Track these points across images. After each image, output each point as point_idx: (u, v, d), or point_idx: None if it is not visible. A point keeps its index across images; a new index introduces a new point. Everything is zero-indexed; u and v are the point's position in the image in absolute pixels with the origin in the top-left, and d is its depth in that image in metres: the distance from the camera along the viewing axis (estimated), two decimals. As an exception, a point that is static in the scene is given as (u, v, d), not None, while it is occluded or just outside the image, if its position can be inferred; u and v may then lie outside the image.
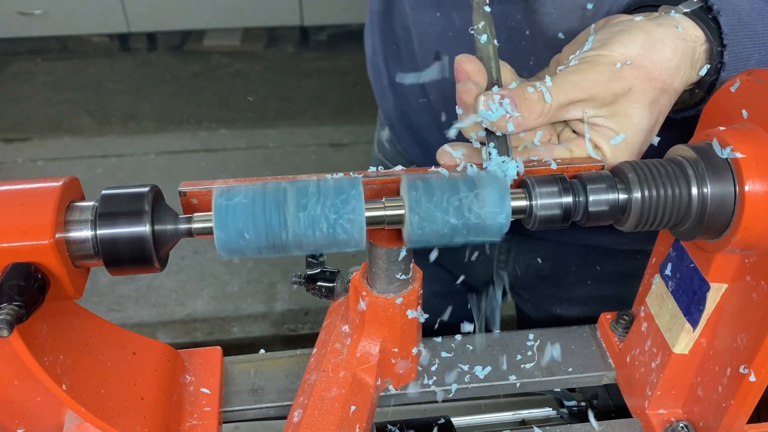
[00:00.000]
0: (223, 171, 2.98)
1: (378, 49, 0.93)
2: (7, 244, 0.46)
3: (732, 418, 0.57)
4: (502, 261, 0.99)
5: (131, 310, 2.35)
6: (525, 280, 1.01)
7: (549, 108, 0.55)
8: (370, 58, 0.97)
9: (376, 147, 1.09)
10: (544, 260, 0.95)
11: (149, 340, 0.66)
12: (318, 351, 0.68)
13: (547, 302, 1.02)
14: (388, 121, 0.99)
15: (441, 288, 1.00)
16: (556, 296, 1.00)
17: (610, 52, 0.56)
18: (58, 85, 3.63)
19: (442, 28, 0.79)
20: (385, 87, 0.94)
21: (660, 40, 0.57)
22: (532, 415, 0.80)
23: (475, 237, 0.51)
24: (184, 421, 0.65)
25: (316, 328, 1.30)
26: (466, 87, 0.55)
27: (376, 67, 0.95)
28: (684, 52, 0.58)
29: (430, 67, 0.81)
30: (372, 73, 0.97)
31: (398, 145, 1.00)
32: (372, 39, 0.94)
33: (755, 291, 0.53)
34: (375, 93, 0.99)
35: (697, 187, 0.51)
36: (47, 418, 0.57)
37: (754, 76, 0.53)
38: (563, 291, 0.99)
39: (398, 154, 1.02)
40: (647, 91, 0.57)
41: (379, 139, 1.07)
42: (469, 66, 0.56)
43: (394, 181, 0.54)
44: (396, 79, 0.91)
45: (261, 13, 3.73)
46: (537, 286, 1.01)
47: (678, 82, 0.59)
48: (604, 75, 0.55)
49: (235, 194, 0.49)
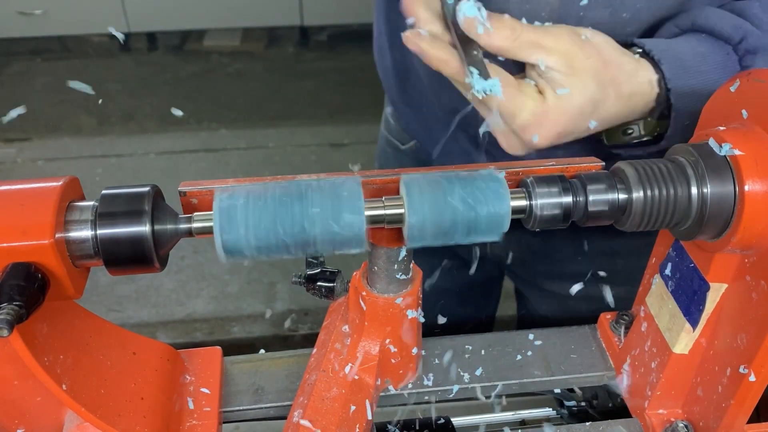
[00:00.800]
0: (223, 171, 2.98)
1: (383, 30, 0.96)
2: (7, 244, 0.46)
3: (732, 418, 0.57)
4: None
5: (131, 310, 2.35)
6: (517, 257, 1.03)
7: (518, 34, 0.59)
8: (376, 39, 1.00)
9: (383, 125, 1.13)
10: (536, 235, 0.97)
11: (149, 340, 0.66)
12: (318, 351, 0.68)
13: (539, 278, 1.05)
14: (391, 99, 1.03)
15: (435, 281, 1.02)
16: (548, 272, 1.02)
17: (579, 29, 0.62)
18: (58, 85, 3.62)
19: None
20: (388, 67, 0.98)
21: (621, 49, 0.64)
22: (532, 415, 0.80)
23: (475, 236, 0.51)
24: (184, 421, 0.65)
25: (316, 328, 1.30)
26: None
27: (381, 48, 0.99)
28: (639, 70, 0.63)
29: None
30: (377, 54, 1.01)
31: (400, 122, 1.05)
32: (377, 20, 0.98)
33: (755, 291, 0.53)
34: (380, 73, 1.03)
35: (697, 187, 0.51)
36: (47, 418, 0.57)
37: (754, 76, 0.53)
38: (554, 266, 1.01)
39: (401, 131, 1.05)
40: (599, 71, 0.61)
41: (385, 115, 1.12)
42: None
43: (393, 180, 0.55)
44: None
45: (261, 13, 3.73)
46: (529, 261, 1.03)
47: (626, 87, 0.63)
48: (571, 38, 0.61)
49: (236, 194, 0.49)
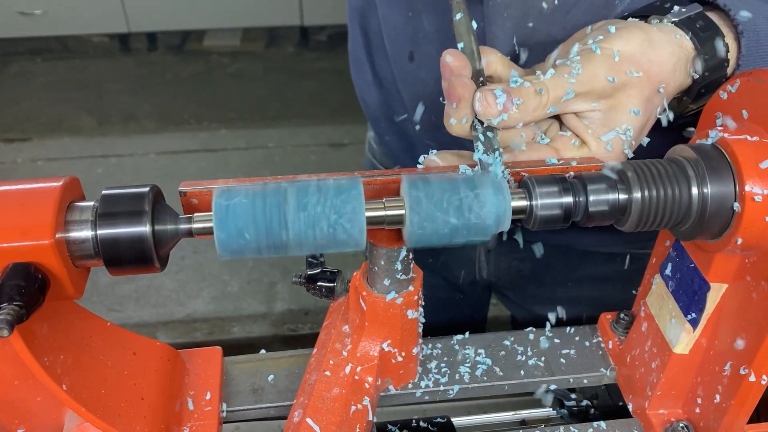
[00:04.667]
0: (223, 171, 2.98)
1: (359, 41, 0.92)
2: (8, 244, 0.46)
3: (732, 418, 0.57)
4: (485, 261, 0.99)
5: (131, 310, 2.35)
6: (507, 280, 1.01)
7: (546, 102, 0.55)
8: (351, 51, 0.95)
9: (367, 147, 1.09)
10: (524, 260, 0.96)
11: (149, 340, 0.66)
12: (318, 351, 0.68)
13: (530, 302, 1.03)
14: (371, 117, 0.97)
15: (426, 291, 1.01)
16: (539, 296, 1.01)
17: (610, 45, 0.56)
18: (58, 85, 3.63)
19: (413, 28, 0.79)
20: (369, 82, 0.93)
21: (659, 42, 0.58)
22: (532, 415, 0.80)
23: (475, 237, 0.51)
24: (184, 421, 0.65)
25: (316, 328, 1.30)
26: (461, 81, 0.56)
27: (357, 61, 0.94)
28: (680, 57, 0.59)
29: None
30: (354, 69, 0.96)
31: (382, 143, 0.99)
32: (352, 33, 0.94)
33: (755, 291, 0.53)
34: (356, 89, 0.97)
35: (697, 187, 0.51)
36: (47, 418, 0.57)
37: (754, 76, 0.53)
38: (545, 291, 0.99)
39: (385, 156, 1.01)
40: (644, 88, 0.57)
41: (368, 139, 1.07)
42: (456, 62, 0.56)
43: (394, 181, 0.54)
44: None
45: (261, 13, 3.72)
46: (520, 285, 1.02)
47: (672, 86, 0.59)
48: (603, 68, 0.56)
49: (236, 194, 0.49)
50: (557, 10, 0.68)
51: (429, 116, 0.75)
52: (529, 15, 0.69)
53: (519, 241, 0.67)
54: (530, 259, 0.95)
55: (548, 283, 0.98)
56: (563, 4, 0.67)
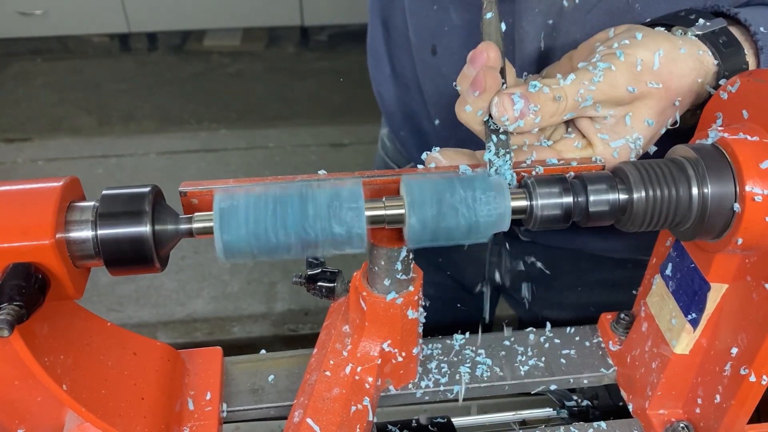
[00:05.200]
0: (223, 171, 2.98)
1: (379, 34, 0.91)
2: (8, 244, 0.46)
3: (732, 418, 0.57)
4: (494, 263, 0.99)
5: (131, 310, 2.35)
6: (516, 282, 1.01)
7: (564, 108, 0.55)
8: (370, 45, 0.95)
9: (379, 144, 1.08)
10: (533, 263, 0.96)
11: (149, 340, 0.66)
12: (318, 351, 0.68)
13: (538, 305, 1.02)
14: (387, 112, 0.97)
15: (435, 291, 1.01)
16: (547, 300, 1.00)
17: (634, 52, 0.56)
18: (58, 85, 3.63)
19: (437, 21, 0.79)
20: (387, 75, 0.92)
21: (682, 56, 0.58)
22: (533, 415, 0.80)
23: (476, 237, 0.51)
24: (184, 421, 0.65)
25: (316, 328, 1.30)
26: (492, 72, 0.55)
27: (376, 54, 0.93)
28: (700, 72, 0.59)
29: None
30: (372, 62, 0.95)
31: (396, 139, 0.99)
32: (372, 26, 0.93)
33: (756, 291, 0.53)
34: (373, 83, 0.96)
35: (697, 187, 0.51)
36: (47, 419, 0.57)
37: (754, 76, 0.53)
38: (553, 295, 0.99)
39: (398, 152, 1.01)
40: (661, 100, 0.57)
41: (381, 136, 1.07)
42: (493, 53, 0.56)
43: (394, 181, 0.55)
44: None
45: (261, 13, 3.72)
46: (528, 288, 1.01)
47: (688, 100, 0.60)
48: (624, 77, 0.56)
49: (236, 195, 0.49)
50: (578, 9, 0.68)
51: (449, 112, 0.75)
52: (551, 12, 0.69)
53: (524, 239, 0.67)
54: (539, 261, 0.95)
55: (557, 286, 0.97)
56: (584, 3, 0.67)
